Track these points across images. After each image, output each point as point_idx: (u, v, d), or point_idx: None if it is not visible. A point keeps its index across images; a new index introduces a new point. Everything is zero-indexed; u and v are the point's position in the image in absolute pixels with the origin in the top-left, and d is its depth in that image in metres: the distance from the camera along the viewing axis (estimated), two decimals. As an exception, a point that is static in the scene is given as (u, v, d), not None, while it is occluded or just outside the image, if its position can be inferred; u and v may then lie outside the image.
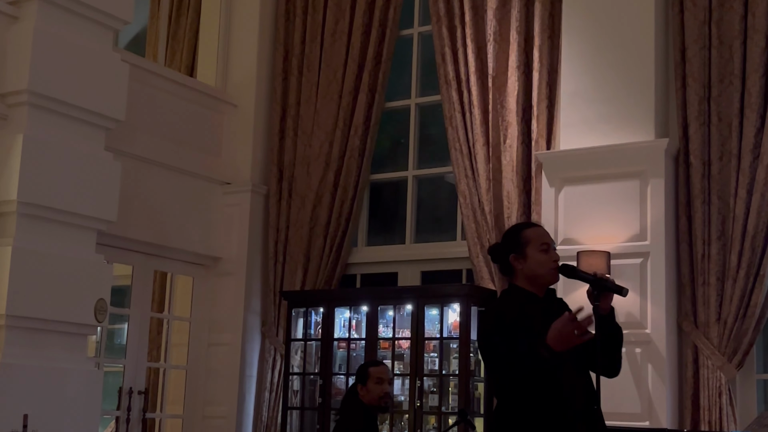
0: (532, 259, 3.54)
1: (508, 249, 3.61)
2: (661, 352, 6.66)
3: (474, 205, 7.77)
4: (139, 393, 8.16)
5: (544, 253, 3.55)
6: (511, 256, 3.59)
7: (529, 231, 3.65)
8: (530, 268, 3.54)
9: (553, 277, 3.57)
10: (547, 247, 3.57)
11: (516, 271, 3.58)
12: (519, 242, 3.59)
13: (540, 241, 3.58)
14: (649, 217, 6.85)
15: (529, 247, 3.56)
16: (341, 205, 8.57)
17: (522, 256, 3.56)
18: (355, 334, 7.95)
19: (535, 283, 3.56)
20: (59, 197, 6.97)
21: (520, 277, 3.58)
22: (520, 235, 3.63)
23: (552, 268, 3.55)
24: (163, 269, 8.68)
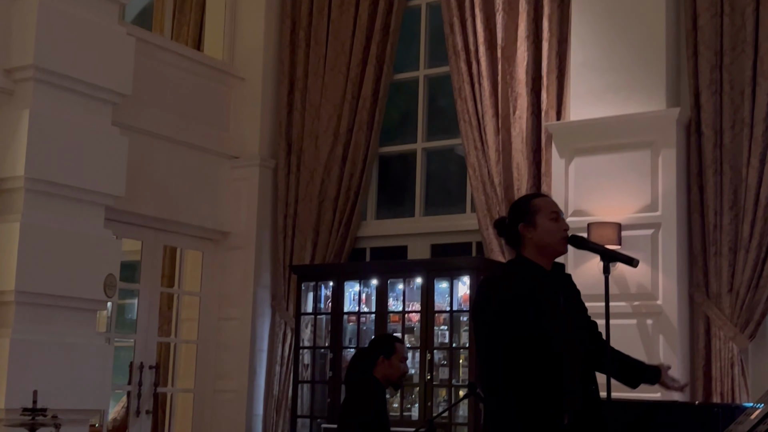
0: (542, 228, 3.48)
1: (518, 218, 3.55)
2: (672, 324, 6.62)
3: (483, 177, 7.71)
4: (150, 367, 8.18)
5: (554, 222, 3.50)
6: (520, 225, 3.52)
7: (539, 200, 3.60)
8: (540, 236, 3.48)
9: (562, 247, 3.51)
10: (557, 216, 3.52)
11: (525, 240, 3.52)
12: (528, 211, 3.53)
13: (550, 210, 3.52)
14: (661, 188, 6.78)
15: (538, 215, 3.50)
16: (350, 179, 8.52)
17: (531, 224, 3.50)
18: (365, 308, 7.92)
19: (544, 253, 3.50)
20: (66, 173, 6.95)
21: (529, 246, 3.51)
22: (529, 203, 3.58)
23: (562, 237, 3.49)
24: (173, 244, 8.66)
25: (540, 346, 3.32)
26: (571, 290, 3.56)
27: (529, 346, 3.31)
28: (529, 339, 3.31)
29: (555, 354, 3.32)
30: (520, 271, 3.49)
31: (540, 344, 3.32)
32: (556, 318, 3.38)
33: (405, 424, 7.19)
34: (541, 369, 3.30)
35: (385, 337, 5.06)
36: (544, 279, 3.46)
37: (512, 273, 3.52)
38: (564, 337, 3.36)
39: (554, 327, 3.35)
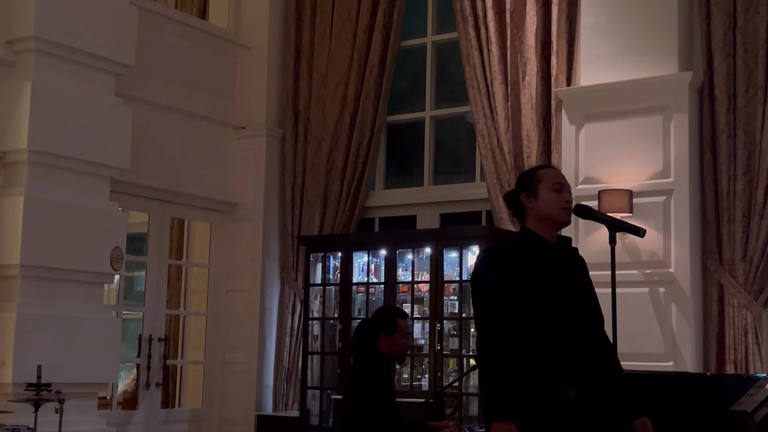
0: (543, 198, 3.38)
1: (521, 188, 3.47)
2: (685, 292, 6.52)
3: (493, 144, 7.60)
4: (159, 340, 8.15)
5: (556, 193, 3.39)
6: (522, 195, 3.44)
7: (543, 170, 3.51)
8: (540, 207, 3.38)
9: (564, 218, 3.40)
10: (560, 187, 3.41)
11: (527, 211, 3.43)
12: (531, 181, 3.44)
13: (553, 180, 3.42)
14: (673, 154, 6.66)
15: (540, 185, 3.40)
16: (358, 148, 8.42)
17: (533, 194, 3.40)
18: (373, 279, 7.86)
19: (546, 224, 3.39)
20: (70, 145, 6.89)
21: (531, 217, 3.42)
22: (533, 174, 3.49)
23: (563, 208, 3.38)
24: (180, 216, 8.60)
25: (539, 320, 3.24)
26: (577, 264, 3.46)
27: (528, 321, 3.23)
28: (528, 313, 3.23)
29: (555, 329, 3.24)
30: (521, 242, 3.40)
31: (539, 318, 3.24)
32: (557, 291, 3.29)
33: (415, 394, 7.14)
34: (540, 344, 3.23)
35: (387, 314, 4.95)
36: (546, 251, 3.37)
37: (513, 244, 3.43)
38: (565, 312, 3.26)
39: (554, 301, 3.26)
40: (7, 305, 6.62)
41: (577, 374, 3.25)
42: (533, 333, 3.23)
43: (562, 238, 3.47)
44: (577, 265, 3.46)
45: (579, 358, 3.27)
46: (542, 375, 3.21)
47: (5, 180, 6.81)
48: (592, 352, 3.33)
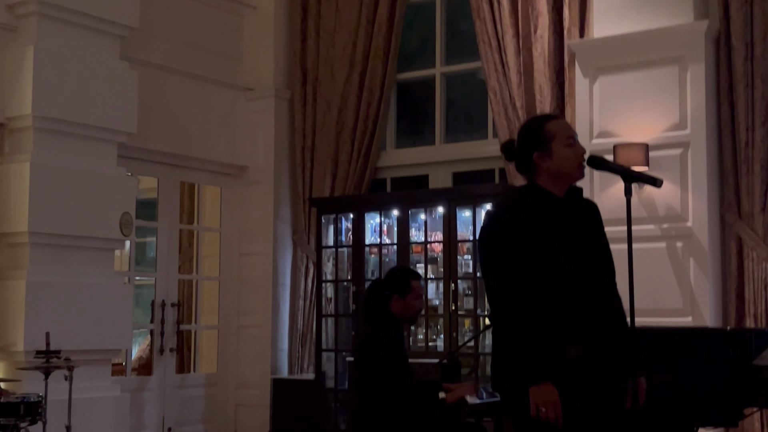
0: (559, 156, 3.22)
1: (531, 146, 3.28)
2: (703, 246, 6.40)
3: (505, 100, 7.45)
4: (172, 305, 8.11)
5: (570, 148, 3.23)
6: (535, 154, 3.25)
7: (552, 124, 3.30)
8: (557, 165, 3.22)
9: (579, 173, 3.25)
10: (573, 140, 3.25)
11: (539, 169, 3.26)
12: (543, 138, 3.25)
13: (565, 135, 3.25)
14: (689, 105, 6.51)
15: (554, 142, 3.23)
16: (368, 108, 8.29)
17: (547, 153, 3.23)
18: (386, 240, 7.77)
19: (560, 180, 3.25)
20: (75, 110, 6.80)
21: (544, 175, 3.26)
22: (543, 130, 3.28)
23: (579, 163, 3.23)
24: (189, 180, 8.52)
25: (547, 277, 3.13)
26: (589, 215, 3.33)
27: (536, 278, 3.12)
28: (537, 270, 3.12)
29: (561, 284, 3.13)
30: (530, 198, 3.27)
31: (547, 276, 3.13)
32: (566, 248, 3.18)
33: (430, 356, 7.07)
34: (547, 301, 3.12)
35: (400, 275, 4.85)
36: (556, 206, 3.24)
37: (521, 200, 3.29)
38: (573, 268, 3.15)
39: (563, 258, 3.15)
40: (17, 273, 6.57)
41: (582, 332, 3.15)
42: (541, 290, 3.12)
43: (573, 188, 3.33)
44: (589, 216, 3.33)
45: (585, 316, 3.17)
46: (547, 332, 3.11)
47: (11, 147, 6.74)
48: (600, 310, 3.22)
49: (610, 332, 3.21)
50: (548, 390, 3.05)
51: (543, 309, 3.11)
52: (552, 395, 3.04)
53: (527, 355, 3.08)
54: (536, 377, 3.07)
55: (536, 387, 3.06)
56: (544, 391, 3.05)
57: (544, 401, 3.04)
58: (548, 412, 3.03)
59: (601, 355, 3.19)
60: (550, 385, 3.05)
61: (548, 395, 3.04)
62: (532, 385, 3.06)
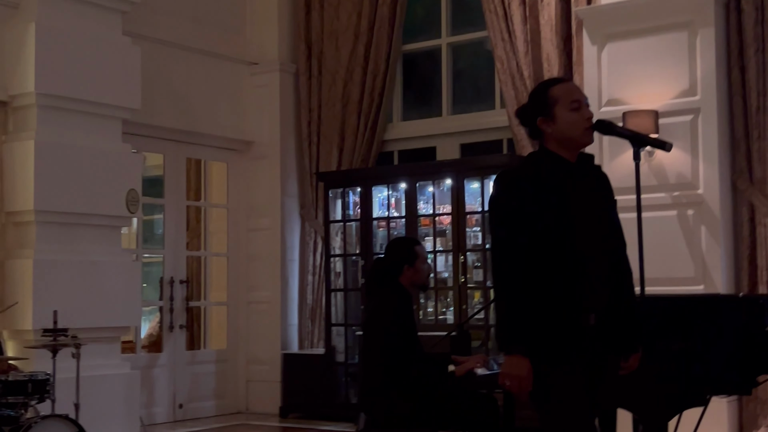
0: (562, 121, 3.10)
1: (535, 111, 3.17)
2: (714, 213, 6.33)
3: (512, 70, 7.37)
4: (180, 282, 8.09)
5: (575, 112, 3.11)
6: (538, 119, 3.14)
7: (557, 88, 3.18)
8: (560, 130, 3.11)
9: (586, 138, 3.15)
10: (578, 104, 3.13)
11: (546, 134, 3.15)
12: (546, 103, 3.14)
13: (569, 99, 3.13)
14: (699, 71, 6.41)
15: (557, 107, 3.11)
16: (373, 80, 8.22)
17: (550, 118, 3.12)
18: (394, 213, 7.72)
19: (568, 146, 3.14)
20: (78, 86, 6.75)
21: (551, 140, 3.15)
22: (546, 94, 3.16)
23: (585, 127, 3.11)
24: (196, 156, 8.48)
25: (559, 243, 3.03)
26: (599, 182, 3.25)
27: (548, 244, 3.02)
28: (547, 236, 3.02)
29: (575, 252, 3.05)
30: (539, 164, 3.17)
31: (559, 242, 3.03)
32: (577, 211, 3.10)
33: (440, 328, 7.03)
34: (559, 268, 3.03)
35: (404, 244, 4.80)
36: (567, 172, 3.16)
37: (530, 167, 3.19)
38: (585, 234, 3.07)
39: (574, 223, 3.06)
40: (24, 251, 6.55)
41: (598, 300, 3.08)
42: (553, 257, 3.03)
43: (584, 155, 3.25)
44: (600, 183, 3.25)
45: (599, 282, 3.09)
46: (562, 300, 3.02)
47: (14, 125, 6.70)
48: (612, 276, 3.16)
49: (621, 301, 3.15)
50: (519, 363, 2.96)
51: (556, 277, 3.03)
52: (520, 369, 2.96)
53: (510, 324, 3.01)
54: (510, 347, 2.99)
55: (509, 357, 2.99)
56: (514, 363, 2.97)
57: (511, 374, 2.96)
58: (512, 386, 2.96)
59: (615, 323, 3.12)
60: (522, 358, 2.96)
61: (517, 368, 2.96)
62: (506, 354, 2.99)
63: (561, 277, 3.03)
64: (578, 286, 3.04)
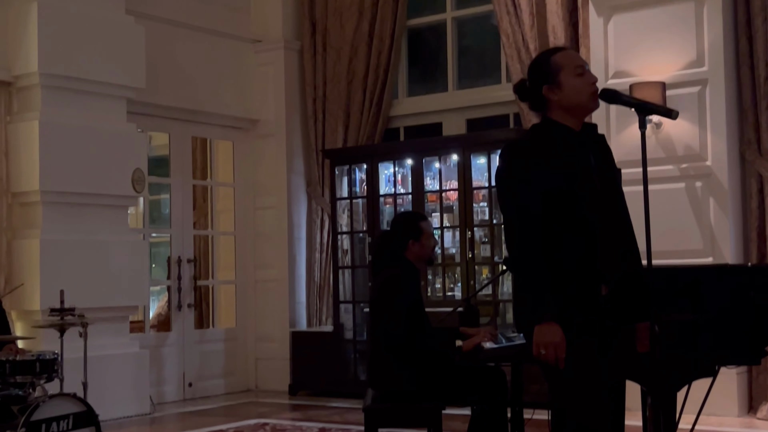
0: (568, 86, 3.07)
1: (539, 80, 3.14)
2: (723, 184, 6.29)
3: (518, 43, 7.31)
4: (188, 261, 8.09)
5: (580, 78, 3.09)
6: (543, 87, 3.11)
7: (559, 56, 3.15)
8: (567, 96, 3.08)
9: (593, 103, 3.12)
10: (582, 69, 3.11)
11: (551, 103, 3.11)
12: (550, 70, 3.10)
13: (574, 65, 3.10)
14: (706, 41, 6.35)
15: (562, 73, 3.08)
16: (378, 56, 8.17)
17: (556, 85, 3.08)
18: (401, 189, 7.69)
19: (574, 113, 3.12)
20: (82, 66, 6.74)
21: (556, 108, 3.11)
22: (549, 62, 3.14)
23: (591, 92, 3.09)
24: (201, 135, 8.45)
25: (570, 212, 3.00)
26: (604, 152, 3.23)
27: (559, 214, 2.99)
28: (557, 205, 2.99)
29: (587, 219, 3.02)
30: (545, 133, 3.13)
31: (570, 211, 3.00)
32: (586, 180, 3.06)
33: (448, 304, 7.02)
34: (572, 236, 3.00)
35: (409, 219, 4.76)
36: (572, 140, 3.12)
37: (536, 137, 3.16)
38: (596, 200, 3.04)
39: (584, 190, 3.03)
40: (31, 232, 6.56)
41: (610, 270, 3.05)
42: (564, 227, 3.01)
43: (588, 125, 3.22)
44: (604, 153, 3.23)
45: (612, 253, 3.06)
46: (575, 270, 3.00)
47: (19, 105, 6.69)
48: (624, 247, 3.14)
49: (631, 271, 3.12)
50: (551, 330, 2.92)
51: (569, 246, 3.01)
52: (554, 336, 2.92)
53: (535, 294, 2.97)
54: (540, 315, 2.94)
55: (539, 326, 2.94)
56: (546, 331, 2.93)
57: (545, 342, 2.92)
58: (548, 354, 2.92)
59: (626, 294, 3.08)
60: (554, 324, 2.92)
61: (550, 335, 2.92)
62: (536, 323, 2.95)
63: (573, 247, 3.01)
64: (591, 256, 3.01)
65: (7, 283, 6.47)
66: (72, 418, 4.57)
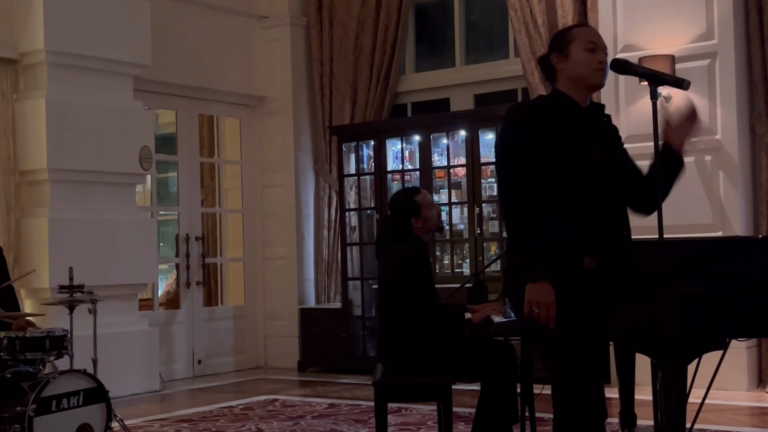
0: (575, 58, 3.13)
1: (552, 48, 3.23)
2: (732, 158, 6.25)
3: (526, 17, 7.26)
4: (196, 239, 8.09)
5: (589, 53, 3.14)
6: (552, 55, 3.19)
7: (577, 30, 3.24)
8: (572, 67, 3.14)
9: (597, 79, 3.15)
10: (594, 46, 3.16)
11: (558, 72, 3.19)
12: (563, 40, 3.19)
13: (586, 39, 3.16)
14: (716, 13, 6.29)
15: (573, 44, 3.15)
16: (385, 31, 8.12)
17: (564, 54, 3.16)
18: (408, 165, 7.67)
19: (578, 86, 3.16)
20: (88, 43, 6.72)
21: (562, 79, 3.18)
22: (566, 33, 3.23)
23: (596, 68, 3.14)
24: (208, 112, 8.43)
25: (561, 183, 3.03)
26: (607, 130, 3.25)
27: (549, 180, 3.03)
28: (550, 172, 3.02)
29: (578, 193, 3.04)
30: (550, 102, 3.18)
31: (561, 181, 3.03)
32: (582, 154, 3.08)
33: (457, 280, 7.02)
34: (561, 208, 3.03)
35: (404, 198, 4.69)
36: (576, 114, 3.14)
37: (541, 103, 3.21)
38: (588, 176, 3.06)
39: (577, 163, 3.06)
40: (39, 210, 6.56)
41: (597, 244, 3.07)
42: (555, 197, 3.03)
43: (595, 104, 3.25)
44: (609, 132, 3.25)
45: (601, 227, 3.08)
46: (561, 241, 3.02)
47: (25, 83, 6.68)
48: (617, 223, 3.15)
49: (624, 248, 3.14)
50: (543, 288, 2.95)
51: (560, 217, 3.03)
52: (546, 295, 2.94)
53: (527, 253, 3.00)
54: (532, 274, 2.97)
55: (532, 284, 2.96)
56: (538, 290, 2.95)
57: (537, 300, 2.95)
58: (540, 312, 2.95)
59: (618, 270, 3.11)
60: (546, 283, 2.95)
61: (542, 294, 2.94)
62: (528, 282, 2.97)
63: (562, 218, 3.03)
64: (577, 227, 3.04)
65: (17, 262, 6.47)
66: (82, 394, 4.58)
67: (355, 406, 6.22)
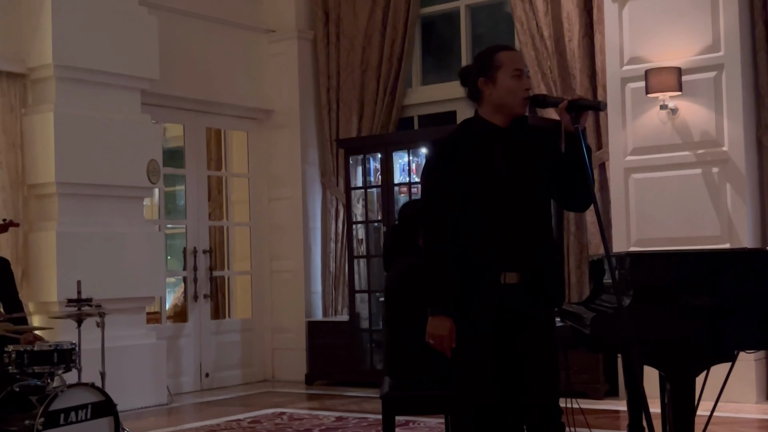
0: (502, 86, 3.20)
1: (479, 72, 3.27)
2: (740, 170, 6.24)
3: (532, 30, 7.27)
4: (204, 252, 8.10)
5: (516, 80, 3.20)
6: (480, 79, 3.25)
7: (504, 54, 3.26)
8: (499, 95, 3.21)
9: (521, 108, 3.24)
10: (520, 73, 3.22)
11: (483, 96, 3.26)
12: (490, 65, 3.23)
13: (513, 67, 3.22)
14: (722, 25, 6.29)
15: (500, 71, 3.21)
16: (392, 45, 8.15)
17: (492, 80, 3.22)
18: (415, 178, 7.67)
19: (501, 112, 3.24)
20: (96, 57, 6.76)
21: (486, 103, 3.25)
22: (493, 57, 3.26)
23: (522, 97, 3.22)
24: (215, 126, 8.46)
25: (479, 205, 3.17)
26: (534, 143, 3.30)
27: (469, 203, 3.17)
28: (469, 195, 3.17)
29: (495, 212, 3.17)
30: (469, 130, 3.28)
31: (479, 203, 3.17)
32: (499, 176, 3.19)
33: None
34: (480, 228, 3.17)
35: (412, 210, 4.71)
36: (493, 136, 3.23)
37: (460, 133, 3.30)
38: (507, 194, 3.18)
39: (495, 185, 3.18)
40: (47, 224, 6.59)
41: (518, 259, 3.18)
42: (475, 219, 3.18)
43: (518, 119, 3.30)
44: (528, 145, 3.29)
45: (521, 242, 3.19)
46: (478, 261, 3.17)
47: (34, 97, 6.71)
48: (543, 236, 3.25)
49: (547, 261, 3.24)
50: (441, 323, 3.19)
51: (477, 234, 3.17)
52: (442, 330, 3.19)
53: (433, 287, 3.22)
54: (435, 308, 3.21)
55: (432, 318, 3.21)
56: (437, 324, 3.20)
57: (432, 333, 3.21)
58: (435, 344, 3.21)
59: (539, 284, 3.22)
60: (445, 319, 3.19)
61: (438, 328, 3.19)
62: (430, 315, 3.22)
63: (481, 238, 3.18)
64: (496, 244, 3.17)
65: (25, 275, 6.50)
66: (90, 407, 4.59)
67: (362, 419, 6.21)
